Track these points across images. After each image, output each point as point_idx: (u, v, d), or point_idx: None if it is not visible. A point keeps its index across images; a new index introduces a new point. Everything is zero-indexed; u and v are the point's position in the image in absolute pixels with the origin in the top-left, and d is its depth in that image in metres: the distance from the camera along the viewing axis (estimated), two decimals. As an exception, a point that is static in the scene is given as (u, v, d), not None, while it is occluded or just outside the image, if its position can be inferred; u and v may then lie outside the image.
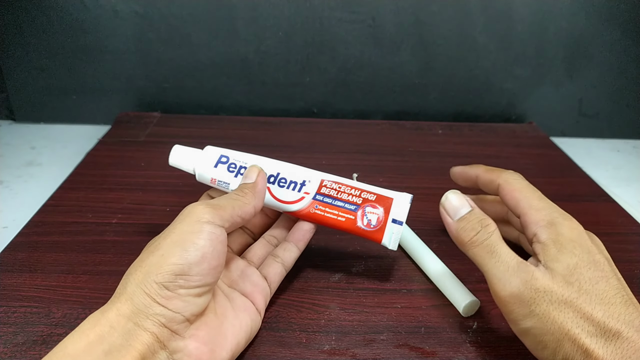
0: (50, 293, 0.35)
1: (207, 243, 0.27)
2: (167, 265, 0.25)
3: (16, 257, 0.39)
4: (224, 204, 0.29)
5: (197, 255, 0.26)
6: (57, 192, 0.48)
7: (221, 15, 0.63)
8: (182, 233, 0.27)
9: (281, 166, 0.35)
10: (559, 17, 0.65)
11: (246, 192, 0.31)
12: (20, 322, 0.32)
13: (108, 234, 0.42)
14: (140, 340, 0.24)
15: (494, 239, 0.29)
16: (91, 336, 0.24)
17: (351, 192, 0.35)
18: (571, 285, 0.26)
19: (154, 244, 0.27)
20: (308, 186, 0.35)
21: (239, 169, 0.35)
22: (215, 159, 0.35)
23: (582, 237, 0.28)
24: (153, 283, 0.25)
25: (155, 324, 0.25)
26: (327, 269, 0.39)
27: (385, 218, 0.34)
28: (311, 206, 0.35)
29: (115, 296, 0.26)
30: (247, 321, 0.30)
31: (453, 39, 0.66)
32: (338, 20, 0.64)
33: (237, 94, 0.69)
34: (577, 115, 0.72)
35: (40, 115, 0.69)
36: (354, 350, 0.32)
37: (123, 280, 0.27)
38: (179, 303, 0.25)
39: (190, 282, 0.26)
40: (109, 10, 0.62)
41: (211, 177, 0.35)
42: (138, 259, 0.27)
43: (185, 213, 0.28)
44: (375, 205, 0.34)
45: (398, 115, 0.71)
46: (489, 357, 0.32)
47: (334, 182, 0.35)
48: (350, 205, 0.34)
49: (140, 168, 0.53)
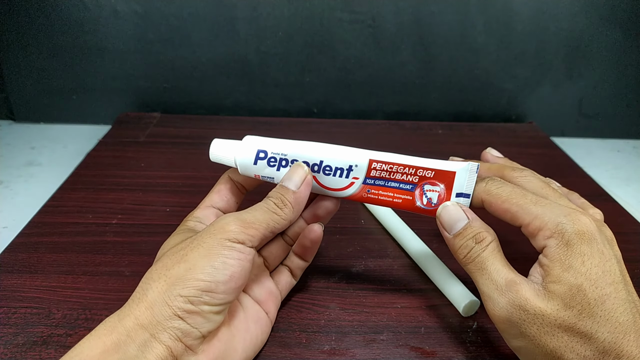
0: (50, 294, 0.35)
1: (237, 263, 0.26)
2: (194, 280, 0.25)
3: (16, 258, 0.39)
4: (258, 222, 0.28)
5: (226, 275, 0.25)
6: (57, 192, 0.48)
7: (221, 15, 0.63)
8: (212, 248, 0.26)
9: (324, 151, 0.32)
10: (559, 17, 0.65)
11: (286, 204, 0.29)
12: (20, 323, 0.32)
13: (108, 234, 0.42)
14: (155, 353, 0.24)
15: (485, 255, 0.28)
16: (107, 343, 0.24)
17: (405, 170, 0.31)
18: (571, 309, 0.25)
19: (180, 252, 0.26)
20: (356, 171, 0.31)
21: (279, 161, 0.32)
22: (253, 156, 0.32)
23: (593, 242, 0.26)
24: (178, 296, 0.24)
25: (172, 338, 0.24)
26: (327, 269, 0.39)
27: (448, 194, 0.31)
28: (362, 191, 0.32)
29: (134, 300, 0.25)
30: (257, 333, 0.30)
31: (453, 39, 0.66)
32: (338, 20, 0.64)
33: (237, 94, 0.69)
34: (577, 115, 0.72)
35: (40, 115, 0.69)
36: (354, 350, 0.32)
37: (143, 284, 0.26)
38: (199, 319, 0.25)
39: (214, 300, 0.25)
40: (109, 10, 0.62)
41: (254, 174, 0.32)
42: (161, 265, 0.26)
43: (217, 227, 0.27)
44: (435, 182, 0.31)
45: (398, 115, 0.71)
46: (489, 357, 0.32)
47: (385, 163, 0.31)
48: (406, 184, 0.31)
49: (140, 168, 0.53)
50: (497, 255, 0.28)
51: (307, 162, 0.31)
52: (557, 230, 0.26)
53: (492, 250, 0.28)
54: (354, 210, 0.47)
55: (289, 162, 0.32)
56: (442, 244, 0.42)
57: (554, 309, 0.25)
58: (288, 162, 0.32)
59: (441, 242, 0.42)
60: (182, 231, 0.31)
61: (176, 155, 0.56)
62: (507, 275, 0.27)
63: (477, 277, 0.28)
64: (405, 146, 0.62)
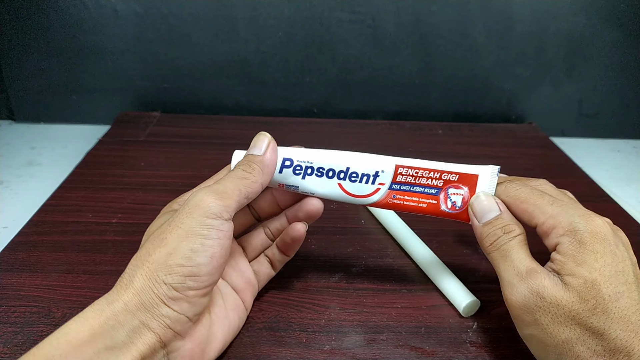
0: (50, 293, 0.35)
1: (216, 243, 0.26)
2: (176, 266, 0.25)
3: (16, 257, 0.39)
4: (230, 189, 0.27)
5: (207, 256, 0.25)
6: (57, 191, 0.48)
7: (221, 15, 0.63)
8: (190, 230, 0.26)
9: (350, 158, 0.32)
10: (559, 17, 0.65)
11: (254, 167, 0.29)
12: (20, 321, 0.32)
13: (108, 233, 0.42)
14: (144, 340, 0.24)
15: (512, 244, 0.28)
16: (95, 326, 0.23)
17: (430, 175, 0.32)
18: (585, 303, 0.25)
19: (160, 236, 0.26)
20: (382, 177, 0.32)
21: (305, 170, 0.32)
22: (278, 165, 0.32)
23: (606, 242, 0.26)
24: (162, 283, 0.24)
25: (161, 325, 0.24)
26: (327, 269, 0.39)
27: (471, 197, 0.31)
28: (388, 197, 0.32)
29: (121, 286, 0.25)
30: (235, 320, 0.31)
31: (453, 39, 0.66)
32: (338, 20, 0.64)
33: (237, 94, 0.69)
34: (577, 115, 0.72)
35: (40, 115, 0.69)
36: (354, 350, 0.32)
37: (129, 269, 0.26)
38: (185, 305, 0.25)
39: (199, 283, 0.25)
40: (109, 10, 0.62)
41: (278, 183, 0.32)
42: (144, 249, 0.26)
43: (192, 203, 0.26)
44: (459, 185, 0.32)
45: (398, 115, 0.71)
46: (489, 357, 0.32)
47: (410, 168, 0.32)
48: (431, 189, 0.32)
49: (140, 168, 0.53)
50: (522, 246, 0.29)
51: (334, 170, 0.32)
52: (571, 229, 0.27)
53: (519, 242, 0.29)
54: (354, 210, 0.47)
55: (314, 170, 0.32)
56: (442, 244, 0.42)
57: (569, 300, 0.25)
58: (314, 170, 0.32)
59: (441, 242, 0.42)
60: (166, 213, 0.31)
61: (176, 155, 0.56)
62: (530, 263, 0.27)
63: (499, 264, 0.29)
64: (405, 146, 0.62)
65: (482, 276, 0.39)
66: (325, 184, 0.32)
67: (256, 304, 0.35)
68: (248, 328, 0.33)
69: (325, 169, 0.32)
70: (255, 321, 0.34)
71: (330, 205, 0.48)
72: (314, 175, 0.32)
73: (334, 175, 0.32)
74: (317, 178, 0.32)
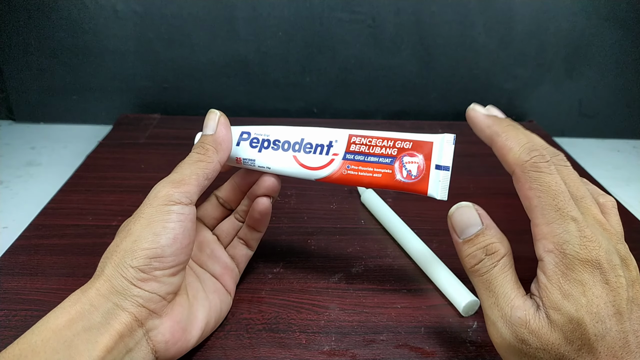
0: (50, 296, 0.35)
1: (177, 225, 0.27)
2: (140, 250, 0.26)
3: (17, 260, 0.39)
4: (187, 176, 0.29)
5: (169, 238, 0.26)
6: (57, 194, 0.48)
7: (221, 15, 0.63)
8: (152, 216, 0.27)
9: (305, 131, 0.33)
10: (559, 17, 0.65)
11: (208, 147, 0.30)
12: (21, 325, 0.32)
13: (108, 236, 0.42)
14: (119, 320, 0.25)
15: (494, 273, 0.26)
16: (72, 312, 0.25)
17: (384, 143, 0.31)
18: (571, 344, 0.23)
19: (126, 228, 0.28)
20: (336, 146, 0.32)
21: (261, 142, 0.33)
22: (236, 137, 0.33)
23: (597, 271, 0.24)
24: (129, 267, 0.26)
25: (134, 304, 0.25)
26: (327, 269, 0.39)
27: (427, 165, 0.30)
28: (342, 168, 0.31)
29: (94, 277, 0.27)
30: (216, 302, 0.32)
31: (453, 39, 0.66)
32: (338, 20, 0.64)
33: (237, 94, 0.69)
34: (577, 115, 0.72)
35: (40, 115, 0.69)
36: (354, 350, 0.32)
37: (101, 263, 0.27)
38: (154, 284, 0.26)
39: (164, 264, 0.26)
40: (109, 10, 0.62)
41: (236, 157, 0.33)
42: (113, 244, 0.28)
43: (152, 196, 0.28)
44: (413, 152, 0.30)
45: (398, 115, 0.71)
46: (489, 357, 0.32)
47: (364, 137, 0.31)
48: (385, 158, 0.31)
49: (140, 170, 0.53)
50: (507, 273, 0.26)
51: (289, 142, 0.32)
52: (560, 248, 0.24)
53: (503, 267, 0.26)
54: (354, 210, 0.47)
55: (270, 143, 0.32)
56: (442, 243, 0.42)
57: (555, 342, 0.24)
58: (270, 142, 0.32)
59: (441, 241, 0.42)
60: None
61: (176, 157, 0.55)
62: (514, 301, 0.25)
63: (482, 296, 0.27)
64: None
65: (482, 277, 0.39)
66: (281, 157, 0.32)
67: (255, 306, 0.35)
68: (248, 329, 0.33)
69: (281, 142, 0.32)
70: (254, 322, 0.34)
71: (330, 206, 0.48)
72: (270, 148, 0.32)
73: (289, 148, 0.32)
74: (273, 151, 0.32)
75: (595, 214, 0.26)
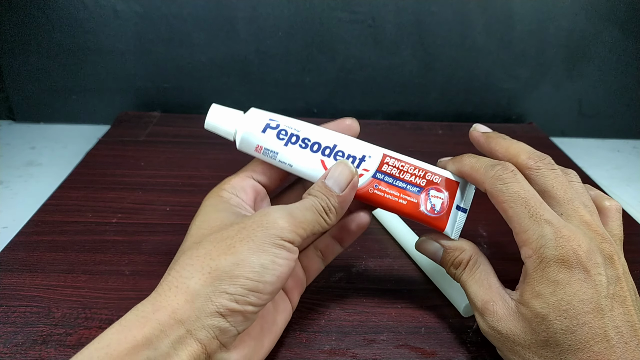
0: (50, 293, 0.35)
1: (285, 263, 0.24)
2: (243, 278, 0.23)
3: (16, 257, 0.39)
4: (307, 222, 0.26)
5: (274, 275, 0.24)
6: (57, 191, 0.48)
7: (221, 15, 0.63)
8: (262, 245, 0.24)
9: (339, 137, 0.31)
10: (559, 17, 0.65)
11: (332, 210, 0.27)
12: (20, 321, 0.32)
13: (108, 233, 0.42)
14: (189, 350, 0.22)
15: (464, 279, 0.30)
16: (138, 337, 0.21)
17: (415, 172, 0.30)
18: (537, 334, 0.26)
19: (226, 241, 0.24)
20: (368, 162, 0.30)
21: (289, 136, 0.30)
22: (263, 123, 0.30)
23: (575, 269, 0.25)
24: (224, 293, 0.23)
25: (209, 336, 0.23)
26: (327, 269, 0.39)
27: (450, 204, 0.30)
28: (370, 185, 0.30)
29: (170, 289, 0.23)
30: (281, 325, 0.30)
31: (453, 39, 0.66)
32: (338, 20, 0.64)
33: (237, 94, 0.69)
34: (577, 115, 0.72)
35: (40, 115, 0.69)
36: (354, 350, 0.32)
37: (182, 270, 0.24)
38: (240, 318, 0.24)
39: (259, 300, 0.24)
40: (109, 10, 0.62)
41: (257, 144, 0.30)
42: (205, 253, 0.24)
43: (267, 223, 0.25)
44: (440, 188, 0.30)
45: (398, 115, 0.71)
46: (489, 357, 0.32)
47: (397, 160, 0.31)
48: (413, 187, 0.30)
49: (140, 167, 0.53)
50: (475, 275, 0.30)
51: (319, 143, 0.30)
52: (538, 253, 0.26)
53: (470, 271, 0.30)
54: (354, 210, 0.47)
55: (299, 139, 0.30)
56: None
57: (521, 331, 0.26)
58: (299, 138, 0.30)
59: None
60: (218, 204, 0.28)
61: (176, 155, 0.56)
62: (484, 296, 0.28)
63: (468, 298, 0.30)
64: (405, 146, 0.61)
65: (482, 276, 0.39)
66: (307, 158, 0.30)
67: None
68: (248, 328, 0.33)
69: (312, 141, 0.30)
70: (255, 321, 0.33)
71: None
72: (298, 145, 0.30)
73: (318, 150, 0.30)
74: (300, 149, 0.30)
75: (582, 215, 0.27)
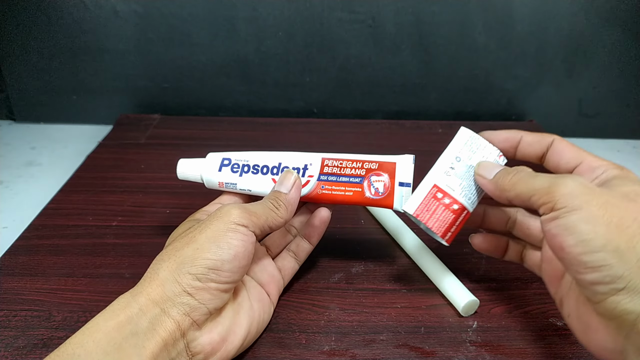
0: (50, 296, 0.35)
1: (240, 243, 0.28)
2: (201, 258, 0.27)
3: (17, 261, 0.39)
4: (259, 213, 0.30)
5: (230, 254, 0.28)
6: (57, 195, 0.48)
7: (221, 15, 0.63)
8: (218, 231, 0.28)
9: (282, 156, 0.36)
10: (559, 17, 0.65)
11: (281, 205, 0.32)
12: (21, 325, 0.32)
13: (108, 236, 0.42)
14: (164, 326, 0.26)
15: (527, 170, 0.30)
16: (121, 316, 0.25)
17: (353, 165, 0.35)
18: None
19: (189, 236, 0.29)
20: (311, 169, 0.35)
21: (242, 167, 0.36)
22: (218, 164, 0.36)
23: None
24: (187, 274, 0.27)
25: (180, 312, 0.26)
26: (326, 269, 0.39)
27: (392, 183, 0.34)
28: (317, 188, 0.35)
29: (146, 280, 0.27)
30: (260, 311, 0.32)
31: (453, 39, 0.66)
32: (338, 20, 0.64)
33: (237, 94, 0.69)
34: (577, 115, 0.72)
35: (40, 115, 0.69)
36: (354, 350, 0.32)
37: (154, 265, 0.28)
38: (206, 295, 0.27)
39: (220, 277, 0.27)
40: (109, 10, 0.62)
41: (218, 181, 0.36)
42: (171, 247, 0.29)
43: (222, 214, 0.29)
44: (379, 172, 0.34)
45: (398, 115, 0.71)
46: (489, 357, 0.32)
47: (335, 160, 0.35)
48: (355, 178, 0.35)
49: (140, 170, 0.53)
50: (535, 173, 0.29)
51: (267, 166, 0.36)
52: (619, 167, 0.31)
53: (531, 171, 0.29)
54: (353, 210, 0.47)
55: (250, 168, 0.36)
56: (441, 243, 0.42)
57: None
58: (250, 167, 0.36)
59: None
60: (190, 221, 0.33)
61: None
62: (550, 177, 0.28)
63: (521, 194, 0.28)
64: (405, 146, 0.62)
65: (481, 275, 0.39)
66: (260, 180, 0.35)
67: (256, 306, 0.35)
68: (248, 329, 0.33)
69: (260, 166, 0.36)
70: (255, 322, 0.34)
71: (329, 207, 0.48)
72: (250, 172, 0.36)
73: (268, 172, 0.35)
74: (253, 175, 0.36)
75: None
